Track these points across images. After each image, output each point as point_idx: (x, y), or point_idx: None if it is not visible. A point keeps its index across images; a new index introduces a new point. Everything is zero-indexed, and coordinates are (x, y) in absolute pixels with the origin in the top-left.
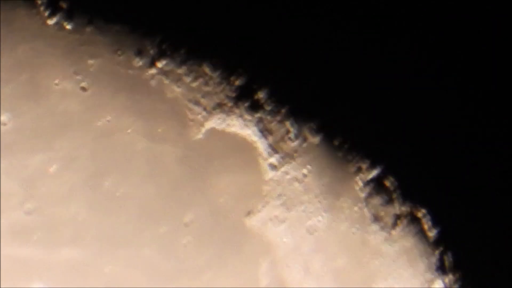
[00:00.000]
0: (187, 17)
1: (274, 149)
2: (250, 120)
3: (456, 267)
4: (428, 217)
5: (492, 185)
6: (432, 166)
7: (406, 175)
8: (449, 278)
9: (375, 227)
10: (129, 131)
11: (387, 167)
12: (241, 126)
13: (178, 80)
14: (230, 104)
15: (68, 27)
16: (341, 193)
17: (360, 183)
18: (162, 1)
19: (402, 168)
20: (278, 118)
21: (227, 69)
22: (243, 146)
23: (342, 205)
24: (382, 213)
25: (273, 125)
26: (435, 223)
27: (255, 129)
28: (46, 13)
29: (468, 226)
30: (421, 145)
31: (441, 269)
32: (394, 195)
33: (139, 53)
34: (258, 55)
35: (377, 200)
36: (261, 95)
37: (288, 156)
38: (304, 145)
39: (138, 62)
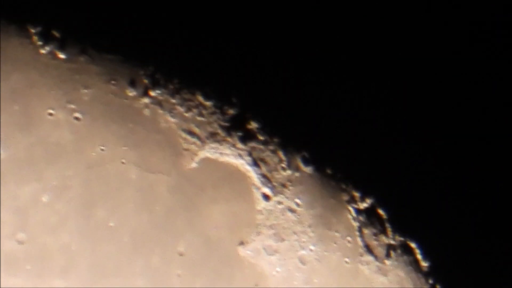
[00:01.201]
0: (181, 47)
1: (267, 178)
2: (243, 150)
3: None
4: (421, 247)
5: (484, 218)
6: (425, 196)
7: (399, 205)
8: None
9: (368, 257)
10: (122, 160)
11: (380, 197)
12: (234, 156)
13: (171, 109)
14: (223, 134)
15: (62, 56)
16: (333, 223)
17: (353, 213)
18: (155, 30)
19: (395, 198)
20: (271, 147)
21: (221, 99)
22: (236, 176)
23: (334, 235)
24: (375, 243)
25: (266, 155)
26: (428, 253)
27: (248, 158)
28: (39, 43)
29: (459, 257)
30: (414, 175)
31: None
32: (387, 225)
33: (133, 82)
34: (251, 84)
35: (370, 230)
36: (254, 124)
37: (281, 186)
38: (297, 174)
39: (132, 92)
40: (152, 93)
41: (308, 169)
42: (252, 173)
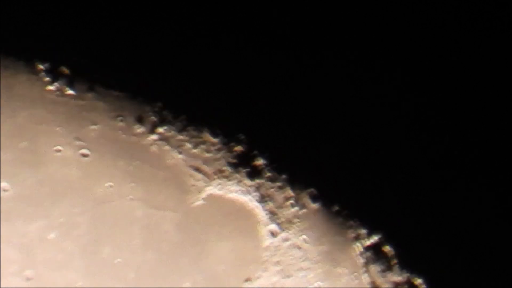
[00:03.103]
0: (188, 84)
1: (274, 215)
2: (249, 186)
3: None
4: (427, 284)
5: (490, 255)
6: (431, 234)
7: (405, 242)
8: None
9: None
10: (129, 197)
11: (385, 234)
12: (240, 192)
13: (178, 146)
14: (230, 170)
15: (69, 93)
16: (339, 260)
17: (359, 250)
18: (162, 68)
19: (401, 235)
20: (278, 184)
21: (227, 136)
22: (242, 212)
23: (340, 272)
24: (380, 281)
25: (273, 191)
26: None
27: (254, 195)
28: (47, 79)
29: None
30: (420, 213)
31: None
32: (393, 263)
33: (140, 119)
34: (258, 121)
35: (375, 267)
36: (261, 161)
37: (288, 222)
38: (303, 211)
39: (139, 128)
40: (159, 130)
41: (315, 206)
42: (259, 210)
